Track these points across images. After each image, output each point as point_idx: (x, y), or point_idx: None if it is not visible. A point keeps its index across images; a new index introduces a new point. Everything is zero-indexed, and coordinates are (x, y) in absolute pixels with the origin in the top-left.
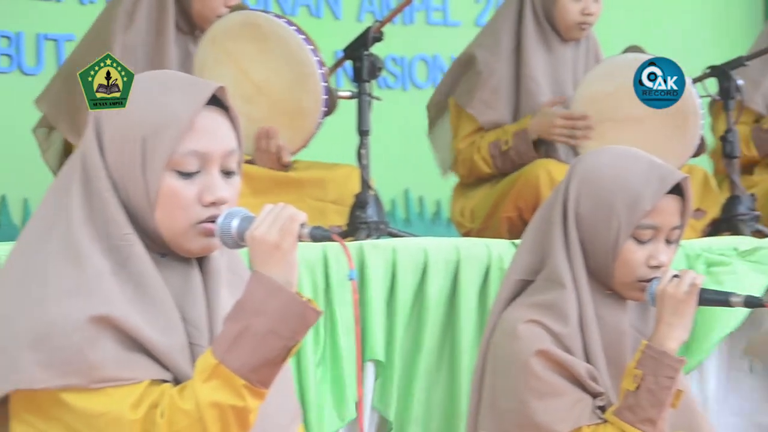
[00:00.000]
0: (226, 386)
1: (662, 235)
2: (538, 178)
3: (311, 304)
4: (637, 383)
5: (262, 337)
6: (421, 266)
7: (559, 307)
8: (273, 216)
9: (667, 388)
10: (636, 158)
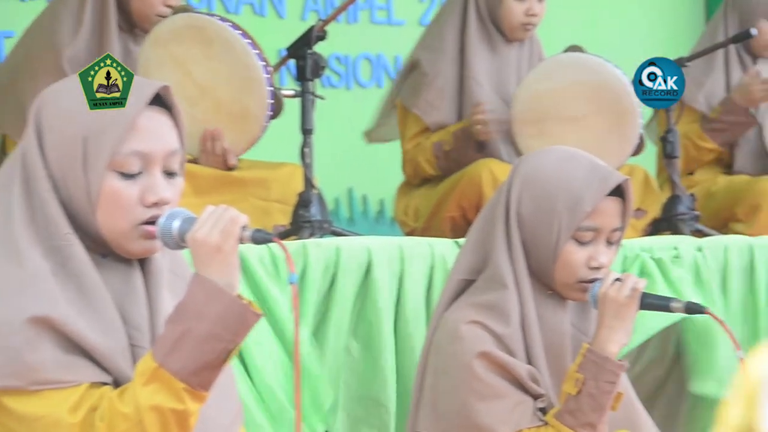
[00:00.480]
0: (166, 389)
1: (603, 236)
2: (481, 178)
3: (252, 306)
4: (579, 387)
5: (203, 340)
6: (364, 265)
7: (500, 307)
8: (214, 218)
9: (608, 393)
10: (577, 160)
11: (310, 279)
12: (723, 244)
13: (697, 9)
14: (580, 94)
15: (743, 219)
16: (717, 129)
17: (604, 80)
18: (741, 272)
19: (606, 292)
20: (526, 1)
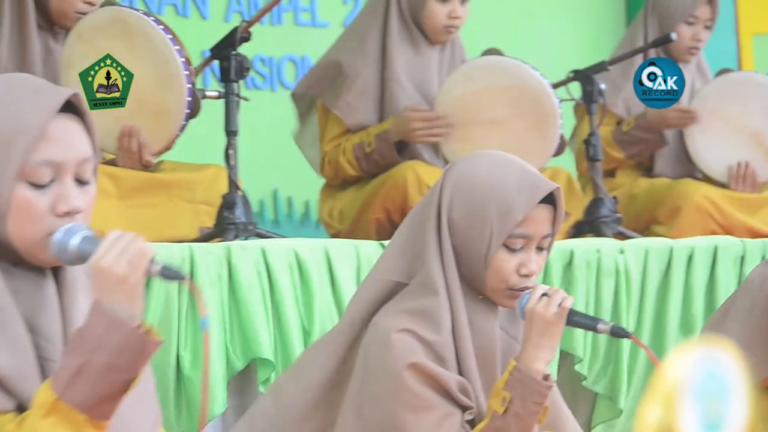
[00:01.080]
0: (65, 422)
1: (533, 243)
2: (406, 180)
3: (151, 335)
4: (505, 406)
5: (102, 371)
6: (290, 267)
7: (432, 314)
8: (121, 247)
9: (534, 413)
10: (509, 166)
11: (236, 280)
12: (644, 247)
13: (618, 13)
14: (500, 97)
15: (664, 221)
16: (627, 141)
17: (523, 83)
18: (659, 274)
19: (534, 308)
20: (449, 4)
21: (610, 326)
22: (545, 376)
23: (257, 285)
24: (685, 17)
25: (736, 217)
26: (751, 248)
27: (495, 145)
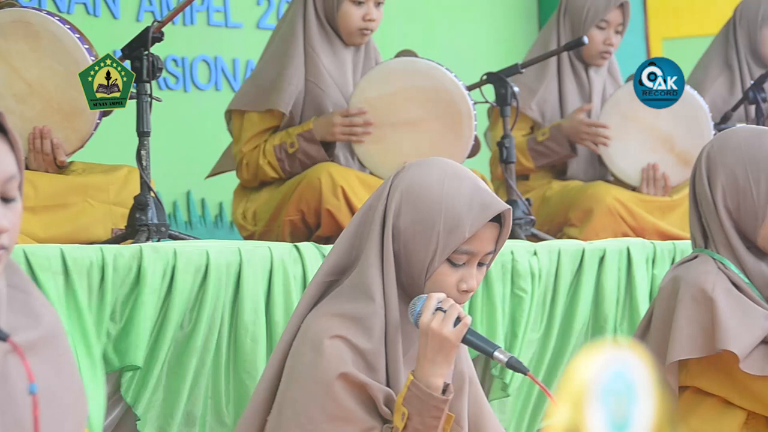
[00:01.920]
0: None
1: (476, 259)
2: (320, 182)
3: None
4: (404, 422)
5: None
6: (202, 269)
7: (365, 321)
8: None
9: (433, 427)
10: (463, 181)
11: (148, 283)
12: (557, 248)
13: (531, 17)
14: (415, 98)
15: (576, 224)
16: (539, 152)
17: (438, 84)
18: (571, 276)
19: (429, 325)
20: (364, 6)
21: (507, 357)
22: (444, 389)
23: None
24: (597, 21)
25: (647, 219)
26: (661, 250)
27: (409, 146)
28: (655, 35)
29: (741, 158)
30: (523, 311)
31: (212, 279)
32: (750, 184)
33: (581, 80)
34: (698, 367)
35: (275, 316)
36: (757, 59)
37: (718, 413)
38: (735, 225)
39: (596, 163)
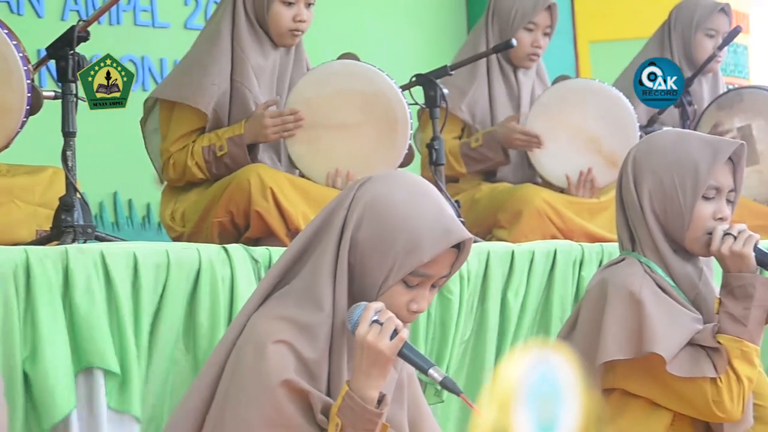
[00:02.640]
0: None
1: (430, 282)
2: (250, 183)
3: None
4: None
5: None
6: (130, 270)
7: (312, 330)
8: None
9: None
10: (427, 202)
11: (73, 284)
12: (486, 250)
13: (460, 19)
14: (353, 102)
15: (505, 225)
16: (473, 158)
17: (377, 90)
18: (502, 278)
19: (365, 338)
20: (294, 7)
21: (441, 377)
22: (379, 400)
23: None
24: (525, 23)
25: (575, 221)
26: (589, 252)
27: (343, 149)
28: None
29: (667, 162)
30: (451, 314)
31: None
32: (676, 188)
33: (510, 82)
34: (626, 369)
35: (200, 318)
36: (690, 63)
37: (645, 414)
38: (662, 228)
39: (525, 166)
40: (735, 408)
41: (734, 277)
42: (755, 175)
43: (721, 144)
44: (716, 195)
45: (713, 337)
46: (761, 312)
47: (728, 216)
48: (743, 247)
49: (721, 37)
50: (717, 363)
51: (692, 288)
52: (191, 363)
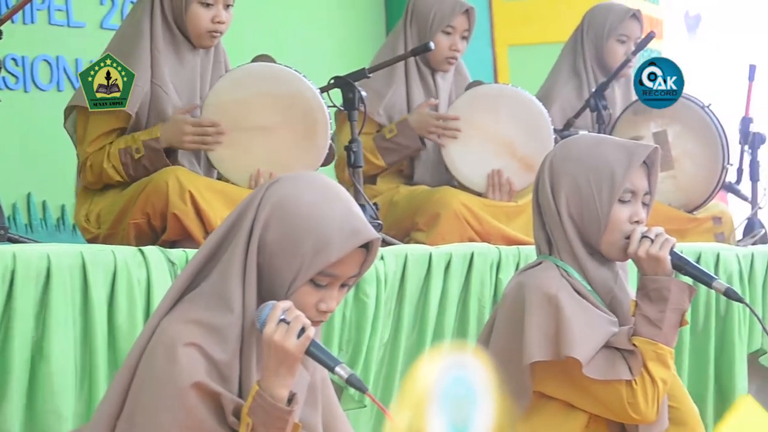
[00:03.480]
0: None
1: (339, 282)
2: (167, 185)
3: None
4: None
5: None
6: (43, 273)
7: (222, 332)
8: None
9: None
10: (335, 203)
11: None
12: (404, 253)
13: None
14: (272, 104)
15: (423, 228)
16: (388, 148)
17: (295, 91)
18: (419, 280)
19: (272, 336)
20: (213, 8)
21: (348, 374)
22: (289, 399)
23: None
24: (443, 27)
25: (492, 224)
26: (506, 255)
27: (263, 152)
28: (500, 42)
29: (582, 166)
30: (367, 316)
31: (54, 282)
32: (592, 192)
33: (428, 85)
34: (542, 372)
35: (118, 320)
36: (602, 68)
37: (561, 416)
38: (579, 232)
39: (443, 169)
40: (650, 410)
41: (650, 280)
42: (670, 180)
43: (636, 148)
44: (632, 198)
45: (629, 340)
46: (676, 315)
47: (644, 219)
48: (660, 250)
49: (632, 42)
50: (632, 365)
51: (608, 292)
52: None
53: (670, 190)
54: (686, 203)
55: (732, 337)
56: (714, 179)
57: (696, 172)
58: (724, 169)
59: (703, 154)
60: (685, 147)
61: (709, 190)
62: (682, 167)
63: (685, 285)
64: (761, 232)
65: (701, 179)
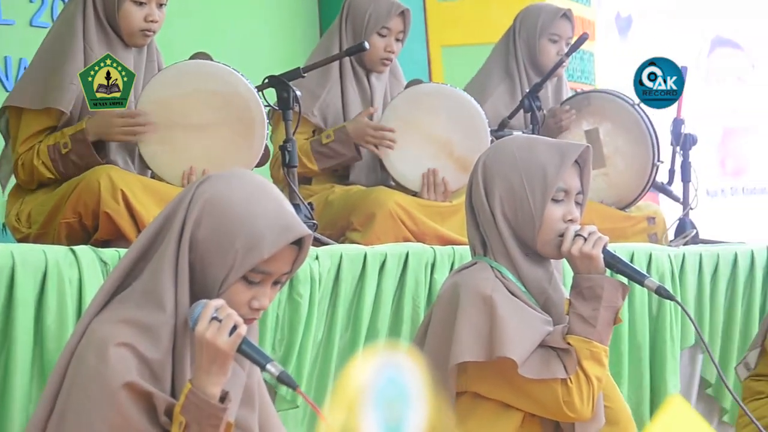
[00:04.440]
0: None
1: (271, 279)
2: (99, 184)
3: None
4: (182, 430)
5: None
6: None
7: (154, 331)
8: None
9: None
10: (267, 200)
11: None
12: (339, 253)
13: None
14: (208, 102)
15: (359, 228)
16: (324, 154)
17: (233, 90)
18: (354, 280)
19: (204, 334)
20: (146, 7)
21: (278, 371)
22: (223, 397)
23: None
24: (378, 29)
25: (428, 224)
26: (441, 255)
27: (198, 150)
28: (434, 42)
29: (515, 167)
30: (300, 316)
31: None
32: (525, 192)
33: (363, 86)
34: (477, 372)
35: (47, 320)
36: (536, 68)
37: (495, 416)
38: (513, 233)
39: (378, 169)
40: (585, 408)
41: (583, 279)
42: (602, 177)
43: (568, 147)
44: (565, 197)
45: (563, 339)
46: (609, 313)
47: (578, 218)
48: (593, 248)
49: (564, 42)
50: (567, 364)
51: (542, 292)
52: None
53: (602, 188)
54: (618, 200)
55: (664, 335)
56: (645, 176)
57: (627, 169)
58: (654, 166)
59: (634, 151)
60: (616, 145)
61: (640, 188)
62: (614, 165)
63: (618, 283)
64: (692, 232)
65: (632, 176)
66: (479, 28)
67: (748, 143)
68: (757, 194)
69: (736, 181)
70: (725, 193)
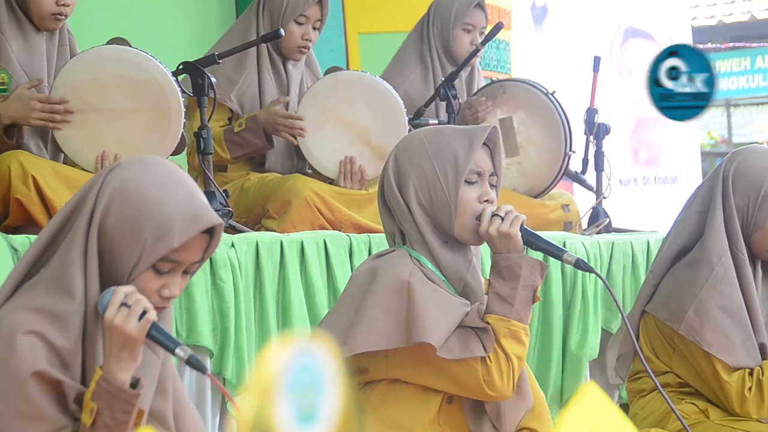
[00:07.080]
0: None
1: (181, 269)
2: (10, 170)
3: None
4: (93, 417)
5: None
6: None
7: (64, 319)
8: None
9: (124, 423)
10: (177, 188)
11: None
12: (254, 240)
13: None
14: (125, 88)
15: (274, 215)
16: (236, 142)
17: (150, 77)
18: (273, 268)
19: (112, 321)
20: None
21: (187, 355)
22: (133, 384)
23: None
24: (296, 16)
25: (344, 212)
26: (357, 242)
27: (113, 135)
28: (351, 29)
29: (426, 154)
30: (227, 302)
31: None
32: (438, 178)
33: (279, 73)
34: (397, 358)
35: None
36: (449, 57)
37: (415, 400)
38: (430, 221)
39: (294, 156)
40: (505, 386)
41: (502, 258)
42: (515, 166)
43: (475, 130)
44: (479, 179)
45: (480, 318)
46: (528, 291)
47: (494, 199)
48: (510, 227)
49: (478, 32)
50: (485, 342)
51: (460, 279)
52: None
53: (515, 176)
54: (531, 189)
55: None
56: (557, 165)
57: (540, 158)
58: (566, 155)
59: (547, 140)
60: (529, 133)
61: (552, 176)
62: (527, 153)
63: (536, 261)
64: (605, 221)
65: (545, 165)
66: (396, 16)
67: (660, 133)
68: (669, 184)
69: (648, 170)
70: (638, 182)
